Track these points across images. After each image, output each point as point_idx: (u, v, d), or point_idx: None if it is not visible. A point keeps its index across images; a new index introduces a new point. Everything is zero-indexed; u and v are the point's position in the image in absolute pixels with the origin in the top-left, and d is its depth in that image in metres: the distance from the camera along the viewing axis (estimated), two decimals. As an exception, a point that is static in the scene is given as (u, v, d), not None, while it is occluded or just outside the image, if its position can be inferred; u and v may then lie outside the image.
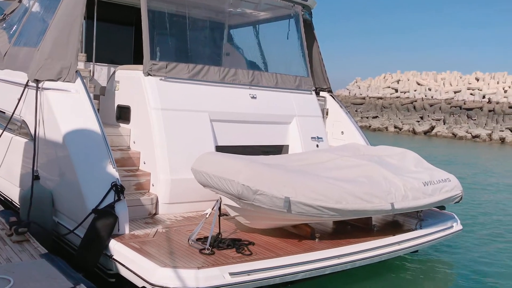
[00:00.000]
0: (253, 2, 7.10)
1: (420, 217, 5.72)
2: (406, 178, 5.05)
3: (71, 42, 5.13)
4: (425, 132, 31.80)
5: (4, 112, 6.14)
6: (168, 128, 5.34)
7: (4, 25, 6.82)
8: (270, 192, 4.09)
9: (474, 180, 13.31)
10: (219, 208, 4.42)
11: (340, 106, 7.82)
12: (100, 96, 6.47)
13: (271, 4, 7.11)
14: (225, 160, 4.46)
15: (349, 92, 41.93)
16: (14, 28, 6.46)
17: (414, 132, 32.12)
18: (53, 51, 5.13)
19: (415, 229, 5.38)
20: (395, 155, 5.77)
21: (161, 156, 5.25)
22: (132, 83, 5.66)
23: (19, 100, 5.44)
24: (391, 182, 4.82)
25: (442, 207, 6.08)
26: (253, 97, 6.30)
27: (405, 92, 38.00)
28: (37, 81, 5.10)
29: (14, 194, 5.94)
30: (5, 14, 6.95)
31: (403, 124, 33.35)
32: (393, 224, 5.59)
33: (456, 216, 6.08)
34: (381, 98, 38.58)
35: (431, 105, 35.00)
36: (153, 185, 5.32)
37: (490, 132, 29.47)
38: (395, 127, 33.22)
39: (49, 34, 5.30)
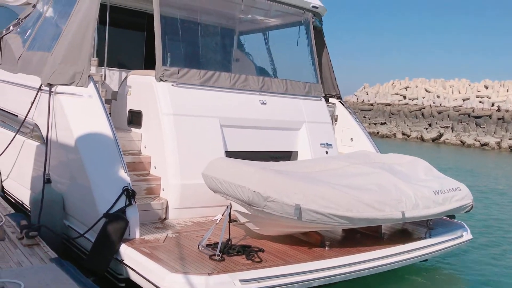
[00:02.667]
0: (264, 9, 7.12)
1: (430, 225, 5.69)
2: (416, 186, 5.03)
3: (84, 47, 5.18)
4: (433, 139, 31.66)
5: (17, 116, 6.20)
6: (179, 133, 5.36)
7: (18, 29, 6.89)
8: (280, 199, 4.09)
9: (484, 189, 13.22)
10: (229, 214, 4.42)
11: (350, 113, 7.82)
12: (111, 100, 6.51)
13: (281, 11, 7.14)
14: (236, 165, 4.47)
15: (357, 98, 41.88)
16: (28, 32, 6.53)
17: (422, 139, 31.98)
18: (66, 55, 5.17)
19: (425, 237, 5.36)
20: (405, 163, 5.76)
21: (171, 161, 5.27)
22: (144, 88, 5.69)
23: (32, 103, 5.50)
24: (402, 190, 4.81)
25: (452, 216, 6.05)
26: (263, 103, 6.32)
27: (413, 99, 37.91)
28: (50, 85, 5.14)
29: (25, 196, 5.99)
30: (20, 18, 7.02)
31: (411, 131, 33.23)
32: (403, 232, 5.57)
33: (466, 226, 6.05)
34: (389, 104, 38.51)
35: (439, 112, 34.87)
36: (163, 190, 5.34)
37: (499, 140, 29.27)
38: (403, 134, 33.12)
39: (62, 39, 5.35)
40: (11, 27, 7.04)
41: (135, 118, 5.89)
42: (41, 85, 5.31)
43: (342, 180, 4.70)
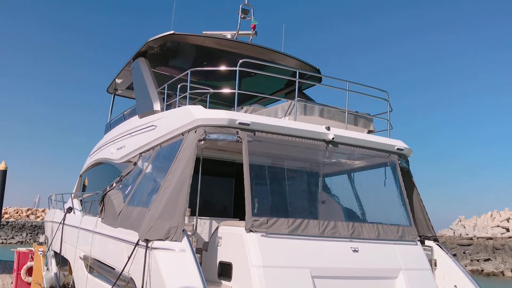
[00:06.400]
0: (347, 153, 7.22)
1: None
2: None
3: (179, 202, 5.46)
4: (550, 277, 28.02)
5: (114, 269, 6.45)
6: (270, 286, 5.20)
7: (120, 186, 7.51)
8: None
9: None
10: None
11: (449, 256, 7.24)
12: (202, 251, 6.60)
13: (365, 154, 7.19)
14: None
15: (454, 232, 39.16)
16: (129, 188, 7.08)
17: (536, 277, 28.45)
18: (163, 211, 5.46)
19: None
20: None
21: None
22: (234, 240, 5.74)
23: (129, 258, 5.71)
24: None
25: None
26: (355, 251, 6.07)
27: (518, 232, 34.69)
28: (147, 240, 5.37)
29: None
30: (122, 175, 7.69)
31: (522, 268, 29.81)
32: None
33: None
34: (491, 238, 35.42)
35: (552, 246, 31.34)
36: None
37: None
38: (513, 271, 29.75)
39: (160, 196, 5.70)
40: (114, 184, 7.69)
41: (225, 270, 5.85)
42: (138, 240, 5.56)
43: None
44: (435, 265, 7.24)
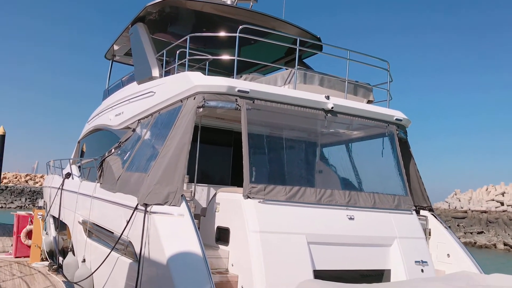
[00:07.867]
0: (345, 123, 7.22)
1: None
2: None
3: (178, 168, 5.49)
4: (542, 250, 28.52)
5: (113, 233, 6.53)
6: (266, 251, 5.29)
7: (119, 151, 7.53)
8: (376, 328, 3.77)
9: None
10: None
11: (444, 226, 7.35)
12: (200, 216, 6.68)
13: (364, 124, 7.19)
14: (326, 289, 4.26)
15: (449, 205, 39.59)
16: (128, 154, 7.10)
17: (528, 250, 28.94)
18: (162, 177, 5.49)
19: None
20: (515, 285, 5.15)
21: (258, 280, 5.15)
22: (232, 206, 5.81)
23: (128, 222, 5.79)
24: (515, 319, 4.25)
25: None
26: (350, 218, 6.15)
27: (512, 205, 35.11)
28: (145, 205, 5.43)
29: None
30: (121, 141, 7.70)
31: (514, 240, 30.30)
32: None
33: None
34: (485, 211, 35.86)
35: (545, 220, 31.76)
36: (250, 311, 5.17)
37: None
38: (505, 244, 30.22)
39: (159, 161, 5.73)
40: (113, 150, 7.71)
41: (222, 235, 5.94)
42: (137, 204, 5.62)
43: (444, 306, 4.28)
44: (429, 234, 7.35)
